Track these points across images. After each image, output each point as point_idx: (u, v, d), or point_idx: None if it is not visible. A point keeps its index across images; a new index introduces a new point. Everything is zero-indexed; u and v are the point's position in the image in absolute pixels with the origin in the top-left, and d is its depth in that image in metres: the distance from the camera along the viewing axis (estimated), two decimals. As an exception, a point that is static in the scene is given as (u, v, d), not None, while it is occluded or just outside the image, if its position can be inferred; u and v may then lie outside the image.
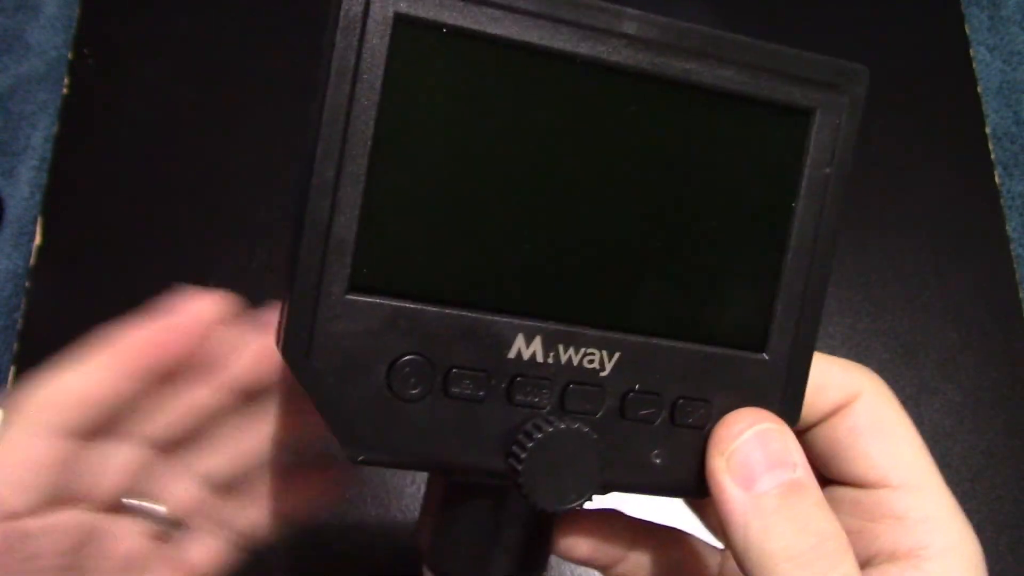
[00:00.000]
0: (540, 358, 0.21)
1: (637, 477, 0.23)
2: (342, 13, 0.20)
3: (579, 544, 0.27)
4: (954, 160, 0.54)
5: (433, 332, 0.20)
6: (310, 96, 0.21)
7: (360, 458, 0.21)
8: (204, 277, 0.49)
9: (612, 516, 0.27)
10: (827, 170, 0.22)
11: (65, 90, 0.54)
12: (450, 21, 0.20)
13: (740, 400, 0.22)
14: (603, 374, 0.22)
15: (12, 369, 0.47)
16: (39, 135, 1.16)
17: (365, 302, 0.20)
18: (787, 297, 0.22)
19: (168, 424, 0.26)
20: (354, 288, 0.20)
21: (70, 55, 0.54)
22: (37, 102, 1.18)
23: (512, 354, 0.21)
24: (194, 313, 0.28)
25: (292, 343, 0.20)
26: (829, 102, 0.22)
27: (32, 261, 0.49)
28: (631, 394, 0.22)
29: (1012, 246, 0.52)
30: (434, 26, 0.20)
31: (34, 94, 1.18)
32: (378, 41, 0.20)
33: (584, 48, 0.20)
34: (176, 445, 0.26)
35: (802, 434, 0.25)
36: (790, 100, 0.22)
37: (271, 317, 0.24)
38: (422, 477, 0.45)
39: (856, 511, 0.23)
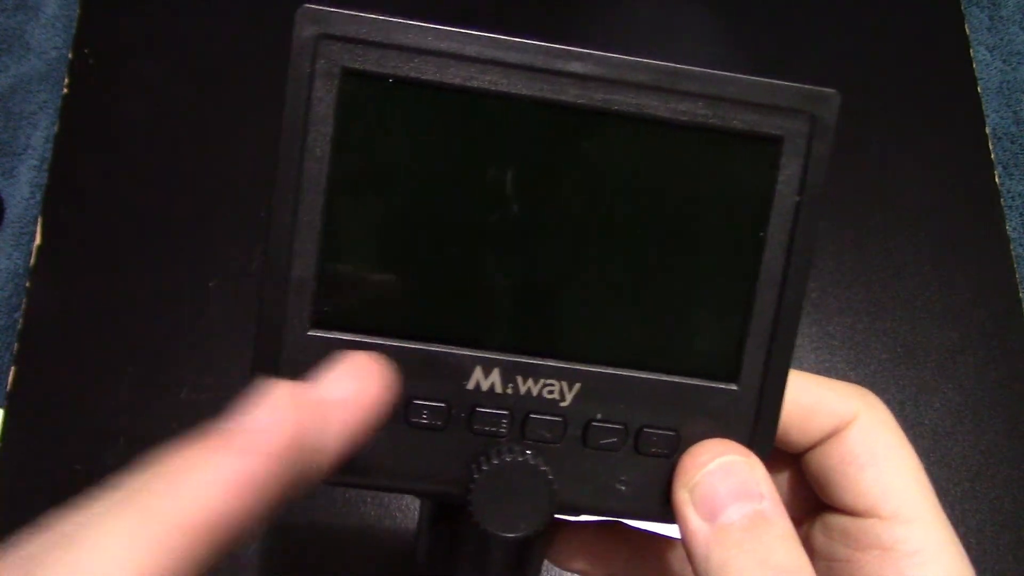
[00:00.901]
0: (499, 388, 0.21)
1: (602, 502, 0.23)
2: (291, 69, 0.21)
3: (577, 555, 0.27)
4: (954, 160, 0.54)
5: (393, 365, 0.21)
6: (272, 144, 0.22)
7: (329, 480, 0.21)
8: (204, 277, 0.49)
9: (612, 528, 0.27)
10: (797, 198, 0.22)
11: (65, 90, 0.54)
12: (395, 72, 0.20)
13: (709, 430, 0.22)
14: (563, 404, 0.22)
15: (12, 369, 0.47)
16: (39, 135, 1.16)
17: (326, 338, 0.21)
18: (758, 327, 0.22)
19: None
20: (316, 325, 0.21)
21: (70, 55, 0.54)
22: (37, 102, 1.18)
23: (471, 385, 0.21)
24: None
25: (259, 379, 0.20)
26: (796, 129, 0.22)
27: (32, 261, 0.49)
28: (593, 423, 0.22)
29: (1012, 246, 0.52)
30: (380, 77, 0.20)
31: (34, 94, 1.18)
32: (326, 94, 0.21)
33: (531, 89, 0.21)
34: None
35: (796, 459, 0.25)
36: (755, 129, 0.22)
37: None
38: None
39: (846, 540, 0.23)
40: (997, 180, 0.54)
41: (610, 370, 0.22)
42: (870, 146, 0.54)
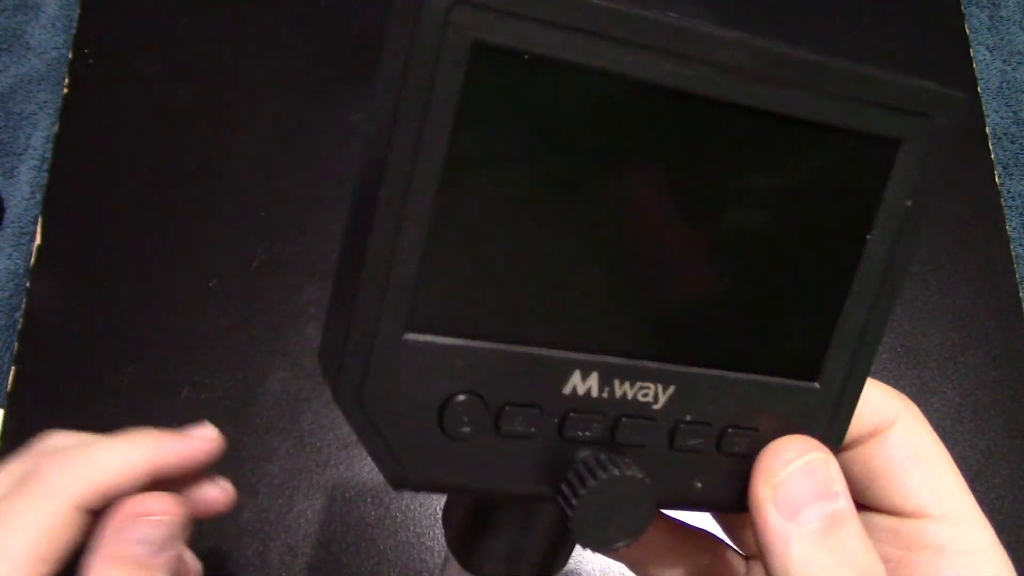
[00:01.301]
0: (595, 393, 0.21)
1: (676, 499, 0.22)
2: (418, 39, 0.17)
3: None
4: (954, 160, 0.54)
5: (489, 369, 0.20)
6: (365, 130, 0.19)
7: (402, 489, 0.21)
8: (204, 277, 0.49)
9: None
10: (908, 202, 0.21)
11: (65, 90, 0.54)
12: (532, 49, 0.18)
13: (787, 426, 0.22)
14: (656, 407, 0.21)
15: (12, 369, 0.47)
16: (39, 135, 1.16)
17: (422, 341, 0.19)
18: (847, 327, 0.22)
19: None
20: (412, 328, 0.19)
21: (70, 55, 0.54)
22: (37, 102, 1.18)
23: (567, 389, 0.20)
24: (207, 441, 0.33)
25: (345, 387, 0.19)
26: (917, 132, 0.21)
27: (32, 261, 0.49)
28: (681, 425, 0.21)
29: (1012, 246, 0.52)
30: (514, 54, 0.18)
31: (34, 94, 1.18)
32: (453, 71, 0.18)
33: (673, 79, 0.19)
34: None
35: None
36: (875, 129, 0.21)
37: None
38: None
39: (895, 540, 0.23)
40: (997, 180, 0.54)
41: (703, 371, 0.21)
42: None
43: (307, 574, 0.43)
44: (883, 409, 0.23)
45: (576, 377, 0.20)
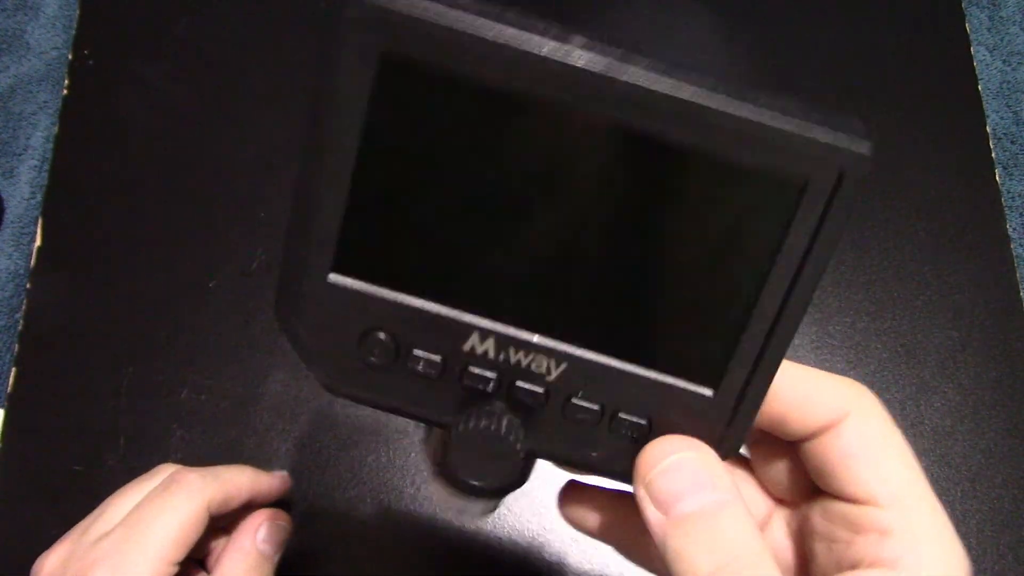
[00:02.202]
0: (491, 355, 0.23)
1: (577, 460, 0.25)
2: (334, 48, 0.21)
3: (588, 517, 0.29)
4: (954, 160, 0.54)
5: (400, 316, 0.23)
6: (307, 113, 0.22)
7: (332, 394, 0.24)
8: (204, 277, 0.49)
9: (625, 498, 0.27)
10: (806, 246, 0.22)
11: (65, 90, 0.54)
12: (438, 63, 0.20)
13: (680, 425, 0.23)
14: (548, 379, 0.23)
15: (12, 370, 0.47)
16: (39, 135, 1.16)
17: (344, 282, 0.23)
18: (748, 346, 0.23)
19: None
20: (335, 270, 0.23)
21: (70, 55, 0.54)
22: (37, 102, 1.17)
23: (467, 347, 0.23)
24: (283, 480, 0.43)
25: (281, 307, 0.24)
26: (821, 179, 0.21)
27: (32, 261, 0.50)
28: (572, 400, 0.24)
29: (1012, 246, 0.52)
30: (421, 66, 0.20)
31: (34, 94, 1.18)
32: (363, 75, 0.21)
33: (577, 102, 0.20)
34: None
35: (793, 446, 0.26)
36: (781, 174, 0.21)
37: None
38: (421, 479, 0.45)
39: (845, 524, 0.25)
40: (997, 180, 0.54)
41: (596, 356, 0.23)
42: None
43: (307, 574, 0.43)
44: (837, 402, 0.25)
45: (474, 338, 0.23)
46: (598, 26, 0.57)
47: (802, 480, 0.27)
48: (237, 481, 0.38)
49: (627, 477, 0.24)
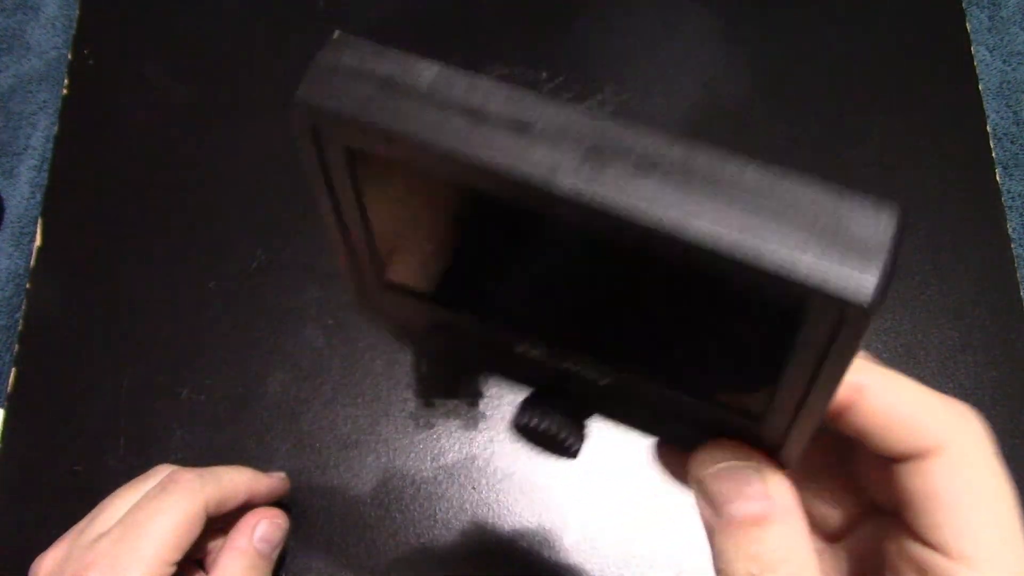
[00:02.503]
0: (542, 358, 0.24)
1: (639, 429, 0.26)
2: (302, 150, 0.21)
3: (678, 468, 0.27)
4: (954, 160, 0.54)
5: (455, 325, 0.25)
6: None
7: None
8: (204, 278, 0.49)
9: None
10: (816, 361, 0.19)
11: (65, 90, 0.54)
12: (388, 154, 0.19)
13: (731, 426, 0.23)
14: (601, 383, 0.24)
15: (12, 370, 0.47)
16: (39, 135, 1.16)
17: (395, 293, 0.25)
18: (785, 399, 0.21)
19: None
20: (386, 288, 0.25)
21: (70, 55, 0.54)
22: (37, 102, 1.18)
23: (519, 349, 0.24)
24: (281, 482, 0.43)
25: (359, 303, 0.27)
26: (823, 312, 0.18)
27: (32, 261, 0.50)
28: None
29: (1012, 246, 0.52)
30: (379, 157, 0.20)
31: (34, 94, 1.18)
32: (341, 165, 0.21)
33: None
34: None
35: (886, 466, 0.24)
36: (782, 299, 0.18)
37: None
38: (420, 479, 0.45)
39: (917, 567, 0.23)
40: (997, 180, 0.54)
41: (641, 376, 0.24)
42: (870, 145, 0.54)
43: (307, 575, 0.43)
44: (938, 427, 0.22)
45: (524, 345, 0.24)
46: (598, 24, 0.57)
47: (860, 502, 0.26)
48: (235, 481, 0.39)
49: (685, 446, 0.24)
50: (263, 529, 0.38)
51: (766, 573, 0.21)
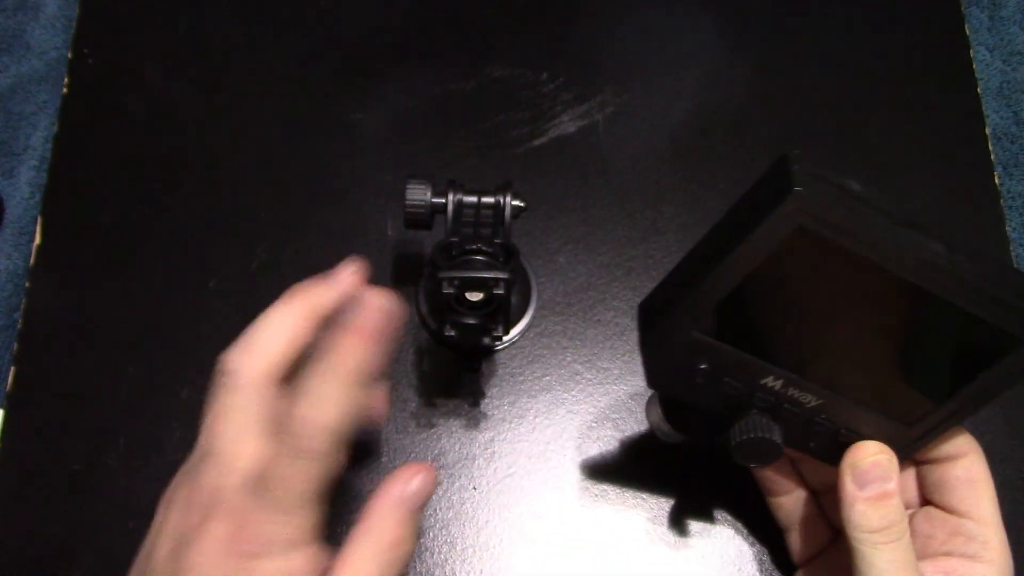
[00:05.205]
0: (778, 388, 0.35)
1: (800, 445, 0.37)
2: (771, 214, 0.29)
3: (779, 472, 0.42)
4: (954, 160, 0.54)
5: (725, 360, 0.35)
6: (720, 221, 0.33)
7: (655, 389, 0.39)
8: (204, 277, 0.49)
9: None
10: (1010, 379, 0.34)
11: (65, 90, 0.54)
12: (839, 242, 0.30)
13: (877, 435, 0.36)
14: (808, 405, 0.36)
15: (12, 369, 0.47)
16: (39, 135, 1.16)
17: (703, 337, 0.34)
18: (941, 413, 0.35)
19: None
20: (695, 328, 0.34)
21: (70, 55, 0.54)
22: (37, 102, 1.18)
23: (764, 382, 0.35)
24: (347, 277, 0.37)
25: (647, 339, 0.35)
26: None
27: (32, 261, 0.50)
28: (817, 419, 0.36)
29: (1012, 246, 0.52)
30: (823, 240, 0.30)
31: (34, 94, 1.18)
32: (780, 231, 0.30)
33: (899, 268, 0.31)
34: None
35: (920, 465, 0.39)
36: (1005, 328, 0.32)
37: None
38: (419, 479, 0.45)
39: (945, 527, 0.37)
40: (997, 180, 0.54)
41: (846, 399, 0.35)
42: (870, 145, 0.54)
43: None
44: (960, 445, 0.38)
45: (771, 379, 0.35)
46: (597, 25, 0.57)
47: (914, 491, 0.40)
48: (281, 329, 0.35)
49: (825, 458, 0.37)
50: (420, 482, 0.34)
51: (892, 526, 0.34)
